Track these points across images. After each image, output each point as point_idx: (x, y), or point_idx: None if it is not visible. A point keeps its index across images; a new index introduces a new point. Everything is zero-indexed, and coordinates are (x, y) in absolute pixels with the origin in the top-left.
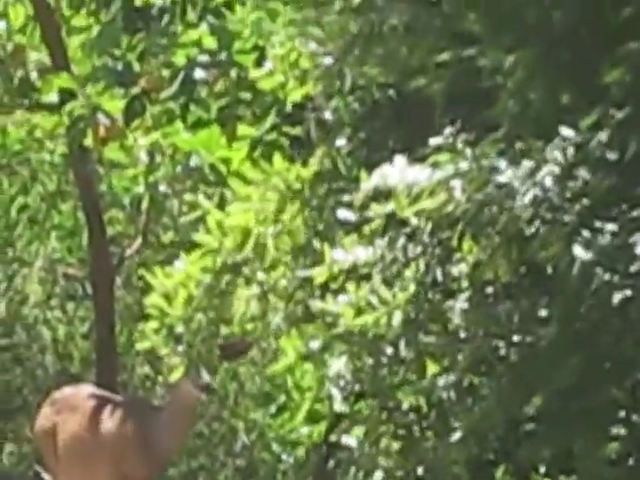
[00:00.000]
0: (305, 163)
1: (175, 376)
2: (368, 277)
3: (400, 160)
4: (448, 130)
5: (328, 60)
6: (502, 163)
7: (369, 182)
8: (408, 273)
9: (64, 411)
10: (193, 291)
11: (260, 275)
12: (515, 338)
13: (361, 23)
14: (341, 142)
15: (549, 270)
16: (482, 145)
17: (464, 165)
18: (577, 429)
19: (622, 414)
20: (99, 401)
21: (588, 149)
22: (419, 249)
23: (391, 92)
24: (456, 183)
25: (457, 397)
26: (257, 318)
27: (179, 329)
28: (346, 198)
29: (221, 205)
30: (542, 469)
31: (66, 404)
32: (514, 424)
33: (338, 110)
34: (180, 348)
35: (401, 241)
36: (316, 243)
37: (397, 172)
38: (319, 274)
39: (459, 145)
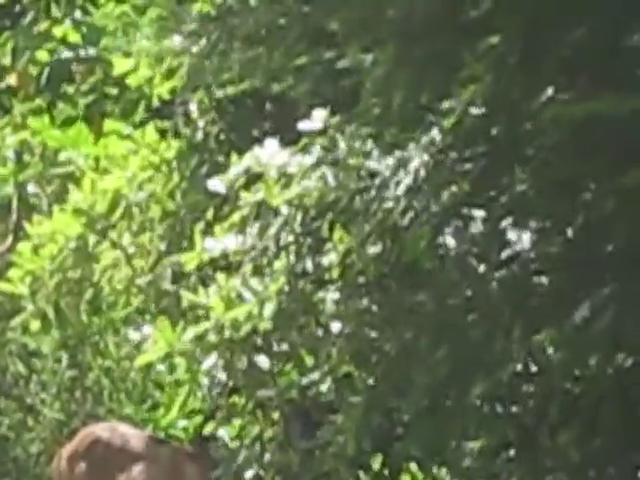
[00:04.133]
0: None
1: None
2: (239, 267)
3: (271, 143)
4: (318, 113)
5: (192, 58)
6: (374, 150)
7: (240, 165)
8: (279, 263)
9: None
10: (60, 247)
11: (126, 240)
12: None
13: (219, 30)
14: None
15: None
16: (352, 121)
17: (337, 150)
18: (447, 425)
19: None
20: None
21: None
22: (290, 238)
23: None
24: (327, 170)
25: (334, 391)
26: (123, 280)
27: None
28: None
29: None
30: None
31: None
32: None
33: (202, 102)
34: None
35: (272, 230)
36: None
37: (268, 156)
38: (189, 261)
39: (330, 130)
